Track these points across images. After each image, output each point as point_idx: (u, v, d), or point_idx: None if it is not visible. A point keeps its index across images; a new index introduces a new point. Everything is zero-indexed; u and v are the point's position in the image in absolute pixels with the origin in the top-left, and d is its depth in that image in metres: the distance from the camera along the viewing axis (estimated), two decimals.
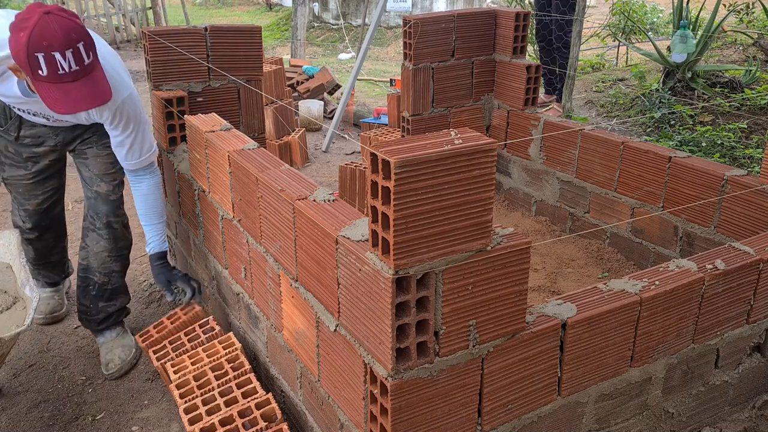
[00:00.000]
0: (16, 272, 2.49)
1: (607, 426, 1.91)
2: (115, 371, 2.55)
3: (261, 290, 2.14)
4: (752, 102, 5.28)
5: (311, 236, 1.70)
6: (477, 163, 1.36)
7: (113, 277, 2.62)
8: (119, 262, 2.63)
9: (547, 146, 3.40)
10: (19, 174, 2.59)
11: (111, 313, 2.63)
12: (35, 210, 2.67)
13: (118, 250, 2.60)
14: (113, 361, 2.57)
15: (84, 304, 2.63)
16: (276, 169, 1.99)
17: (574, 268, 3.07)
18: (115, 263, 2.61)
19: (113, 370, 2.55)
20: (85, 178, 2.59)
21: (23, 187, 2.63)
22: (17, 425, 2.33)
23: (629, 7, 8.55)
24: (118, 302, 2.66)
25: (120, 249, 2.61)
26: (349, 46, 10.84)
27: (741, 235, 2.46)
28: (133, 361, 2.62)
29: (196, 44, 2.88)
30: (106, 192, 2.56)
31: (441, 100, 3.58)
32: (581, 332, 1.72)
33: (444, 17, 3.43)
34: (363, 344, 1.55)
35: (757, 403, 2.23)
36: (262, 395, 2.09)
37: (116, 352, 2.60)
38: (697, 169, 2.65)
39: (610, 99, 6.00)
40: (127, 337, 2.67)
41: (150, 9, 11.25)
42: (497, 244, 1.48)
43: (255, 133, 3.14)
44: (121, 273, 2.65)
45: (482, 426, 1.65)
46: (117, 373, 2.56)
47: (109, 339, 2.64)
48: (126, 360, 2.58)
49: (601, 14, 10.84)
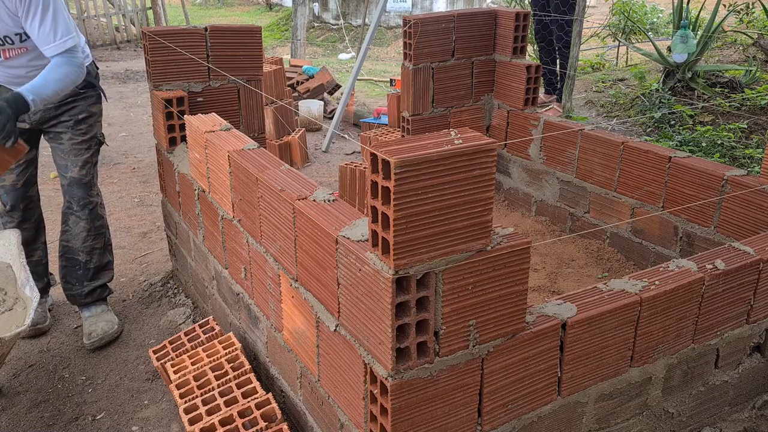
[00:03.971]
0: (16, 272, 2.49)
1: (607, 426, 1.91)
2: (96, 340, 2.73)
3: (261, 290, 2.14)
4: (752, 102, 5.28)
5: (311, 236, 1.70)
6: (477, 163, 1.36)
7: (95, 255, 2.82)
8: (99, 239, 2.82)
9: (547, 146, 3.40)
10: None
11: (96, 287, 2.84)
12: (11, 185, 2.71)
13: (96, 229, 2.80)
14: (95, 331, 2.75)
15: (70, 283, 2.82)
16: (276, 169, 1.99)
17: (574, 268, 3.07)
18: (95, 241, 2.81)
19: (94, 339, 2.73)
20: (60, 166, 2.73)
21: None
22: (17, 425, 2.33)
23: (629, 7, 8.55)
24: (103, 278, 2.87)
25: (98, 228, 2.81)
26: (349, 46, 10.85)
27: (741, 235, 2.46)
28: (114, 335, 2.79)
29: (196, 44, 2.88)
30: (79, 176, 2.72)
31: (441, 100, 3.58)
32: (581, 332, 1.72)
33: (444, 17, 3.43)
34: (363, 344, 1.55)
35: (757, 403, 2.23)
36: (262, 395, 2.09)
37: (99, 324, 2.78)
38: (697, 169, 2.65)
39: (610, 99, 6.00)
40: (110, 314, 2.86)
41: (150, 9, 11.25)
42: (497, 244, 1.48)
43: (255, 133, 3.14)
44: (101, 250, 2.85)
45: (482, 426, 1.65)
46: (98, 343, 2.73)
47: (94, 314, 2.83)
48: (108, 332, 2.76)
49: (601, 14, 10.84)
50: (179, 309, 2.96)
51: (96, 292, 2.84)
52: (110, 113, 6.39)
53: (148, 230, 3.89)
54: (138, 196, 4.43)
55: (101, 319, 2.80)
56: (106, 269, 2.88)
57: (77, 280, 2.81)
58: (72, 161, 2.71)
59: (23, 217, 2.77)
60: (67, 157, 2.71)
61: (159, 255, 3.54)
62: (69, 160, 2.71)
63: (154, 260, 3.49)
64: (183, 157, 2.71)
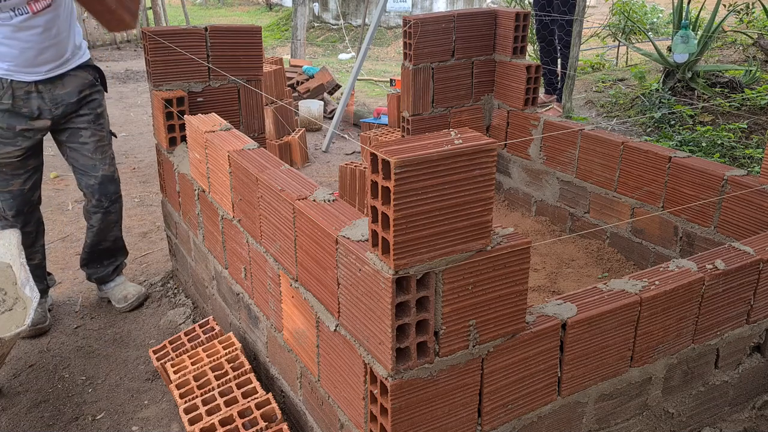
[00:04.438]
0: (16, 272, 2.50)
1: (607, 426, 1.91)
2: (133, 300, 2.99)
3: (261, 290, 2.14)
4: (752, 102, 5.28)
5: (311, 236, 1.70)
6: (477, 163, 1.36)
7: (117, 240, 3.01)
8: (120, 224, 3.00)
9: (547, 146, 3.40)
10: (6, 151, 2.63)
11: (117, 264, 3.07)
12: (19, 190, 2.70)
13: (120, 218, 2.98)
14: (129, 293, 3.00)
15: (94, 268, 3.02)
16: (276, 169, 1.99)
17: (574, 268, 3.07)
18: (118, 229, 2.99)
19: (132, 300, 2.98)
20: (87, 166, 2.78)
21: (9, 165, 2.66)
22: (17, 425, 2.33)
23: (629, 7, 8.55)
24: (122, 256, 3.09)
25: (121, 216, 2.99)
26: (349, 46, 10.85)
27: (741, 235, 2.46)
28: (144, 296, 3.06)
29: (196, 44, 2.88)
30: (110, 172, 2.84)
31: (441, 100, 3.58)
32: (581, 332, 1.72)
33: (444, 17, 3.43)
34: (363, 344, 1.55)
35: (757, 403, 2.23)
36: (262, 395, 2.09)
37: (129, 289, 3.02)
38: (697, 169, 2.65)
39: (610, 99, 6.00)
40: (131, 283, 3.10)
41: (150, 9, 11.25)
42: (497, 244, 1.48)
43: (255, 133, 3.14)
44: (120, 234, 3.03)
45: (482, 426, 1.65)
46: (135, 302, 3.00)
47: (119, 283, 3.05)
48: (141, 293, 3.03)
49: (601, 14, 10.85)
50: (179, 309, 2.96)
51: (118, 268, 3.07)
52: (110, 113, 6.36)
53: (148, 230, 3.89)
54: (138, 196, 4.43)
55: (128, 285, 3.04)
56: (123, 248, 3.09)
57: (101, 263, 3.01)
58: (99, 159, 2.78)
59: (25, 221, 2.77)
60: (94, 156, 2.78)
61: (159, 255, 3.54)
62: (96, 159, 2.78)
63: (154, 260, 3.49)
64: (183, 157, 2.71)
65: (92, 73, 2.77)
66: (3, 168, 2.65)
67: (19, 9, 2.44)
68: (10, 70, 2.53)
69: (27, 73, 2.56)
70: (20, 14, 2.46)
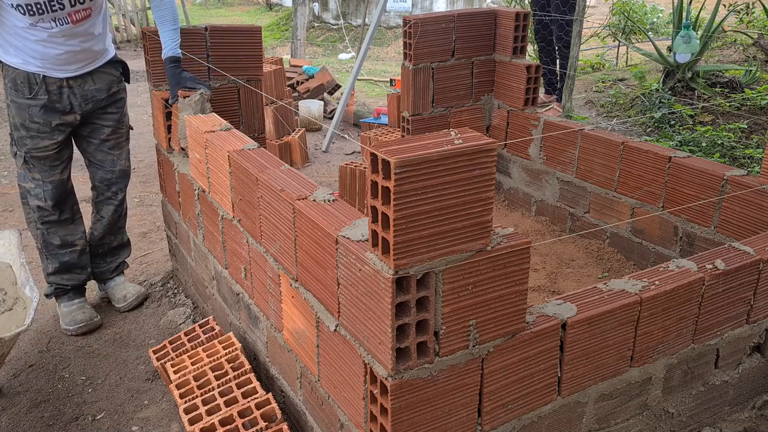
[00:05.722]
0: (16, 272, 2.50)
1: (607, 426, 1.91)
2: (132, 300, 3.00)
3: (261, 290, 2.14)
4: (752, 102, 5.28)
5: (311, 236, 1.70)
6: (477, 163, 1.36)
7: (119, 234, 3.05)
8: (125, 218, 3.06)
9: (547, 146, 3.40)
10: (44, 145, 2.67)
11: (120, 262, 3.09)
12: (59, 181, 2.76)
13: (125, 210, 3.05)
14: (129, 293, 3.02)
15: (95, 262, 3.02)
16: (276, 169, 1.99)
17: (574, 268, 3.07)
18: (123, 221, 3.05)
19: (131, 299, 3.00)
20: (105, 161, 2.86)
21: (48, 158, 2.70)
22: (17, 425, 2.33)
23: (629, 7, 8.55)
24: (125, 254, 3.11)
25: (126, 208, 3.05)
26: (349, 46, 10.84)
27: (741, 235, 2.46)
28: (144, 296, 3.07)
29: (196, 44, 2.88)
30: (126, 167, 2.93)
31: (441, 100, 3.58)
32: (581, 332, 1.72)
33: (444, 17, 3.43)
34: (363, 344, 1.55)
35: (757, 403, 2.23)
36: (262, 395, 2.09)
37: (129, 288, 3.04)
38: (697, 169, 2.65)
39: (610, 99, 6.00)
40: (131, 283, 3.12)
41: (150, 9, 11.24)
42: (497, 244, 1.48)
43: (255, 133, 3.14)
44: (124, 228, 3.08)
45: (482, 426, 1.65)
46: (135, 302, 3.01)
47: (119, 282, 3.07)
48: (141, 292, 3.05)
49: (601, 14, 10.85)
50: (179, 309, 2.96)
51: (120, 266, 3.09)
52: None
53: (148, 230, 3.89)
54: (138, 196, 4.43)
55: (128, 285, 3.07)
56: (127, 245, 3.13)
57: (104, 259, 3.03)
58: (117, 155, 2.88)
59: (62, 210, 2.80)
60: (113, 151, 2.86)
61: (159, 255, 3.54)
62: (115, 155, 2.87)
63: (154, 260, 3.49)
64: (183, 157, 2.71)
65: (118, 68, 2.85)
66: (42, 161, 2.70)
67: (60, 20, 2.50)
68: (42, 67, 2.58)
69: (59, 71, 2.61)
70: (61, 24, 2.51)
